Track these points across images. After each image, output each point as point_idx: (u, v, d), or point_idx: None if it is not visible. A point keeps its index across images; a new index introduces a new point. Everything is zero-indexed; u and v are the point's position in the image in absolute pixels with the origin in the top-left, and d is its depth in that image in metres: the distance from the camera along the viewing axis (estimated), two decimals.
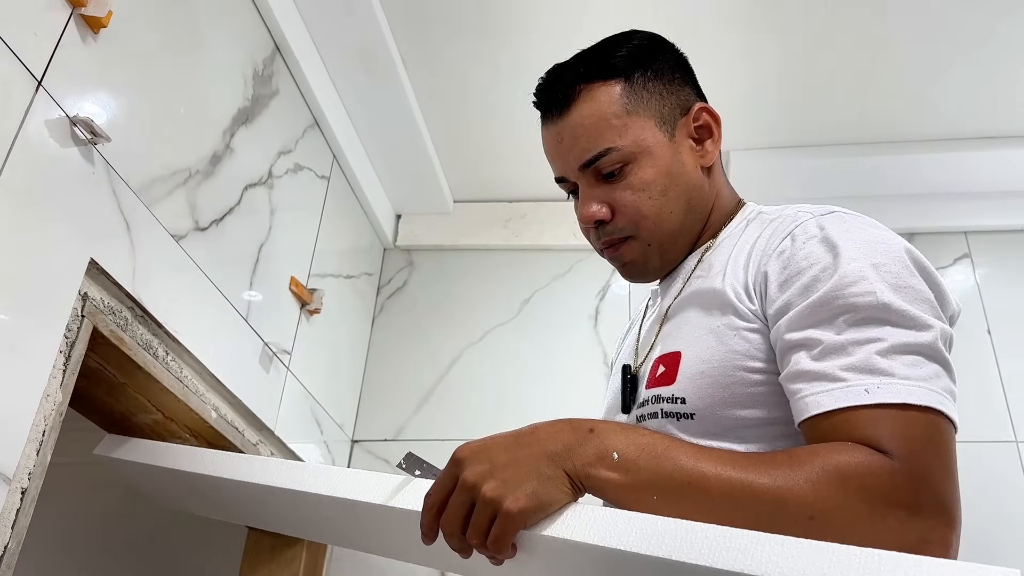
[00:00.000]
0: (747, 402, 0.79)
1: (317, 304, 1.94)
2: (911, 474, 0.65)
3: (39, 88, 1.07)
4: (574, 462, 0.68)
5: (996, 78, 2.08)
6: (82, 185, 1.15)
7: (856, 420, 0.67)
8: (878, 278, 0.73)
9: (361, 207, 2.36)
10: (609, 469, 0.68)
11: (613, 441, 0.69)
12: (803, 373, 0.72)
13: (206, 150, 1.48)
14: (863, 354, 0.69)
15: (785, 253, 0.80)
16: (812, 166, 2.38)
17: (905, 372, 0.69)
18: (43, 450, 1.07)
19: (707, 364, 0.82)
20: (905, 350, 0.70)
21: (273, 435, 1.74)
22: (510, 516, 0.66)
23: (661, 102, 0.94)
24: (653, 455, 0.68)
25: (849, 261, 0.74)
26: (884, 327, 0.71)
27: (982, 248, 2.39)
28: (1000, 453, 2.09)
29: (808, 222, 0.81)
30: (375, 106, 2.15)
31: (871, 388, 0.67)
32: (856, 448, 0.65)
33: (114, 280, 1.21)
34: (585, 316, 2.41)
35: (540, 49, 2.03)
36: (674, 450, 0.69)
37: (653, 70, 0.95)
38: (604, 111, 0.92)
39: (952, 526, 0.66)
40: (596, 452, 0.68)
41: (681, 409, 0.83)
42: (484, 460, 0.69)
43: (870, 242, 0.77)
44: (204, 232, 1.47)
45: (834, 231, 0.78)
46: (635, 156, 0.91)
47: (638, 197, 0.91)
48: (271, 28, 1.74)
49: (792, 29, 1.97)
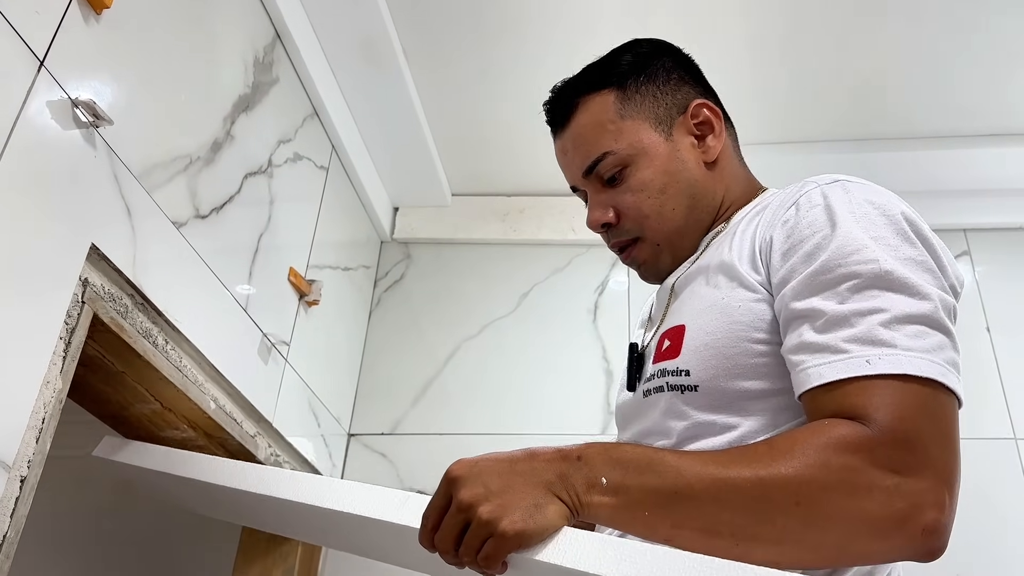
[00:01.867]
0: (751, 373, 0.79)
1: (316, 295, 1.92)
2: (898, 439, 0.64)
3: (41, 68, 1.04)
4: (567, 490, 0.69)
5: (998, 76, 2.08)
6: (83, 168, 1.12)
7: (854, 390, 0.67)
8: (879, 248, 0.73)
9: (359, 199, 2.34)
10: (601, 494, 0.69)
11: (600, 467, 0.70)
12: (806, 345, 0.72)
13: (207, 136, 1.46)
14: (865, 325, 0.69)
15: (789, 222, 0.80)
16: (812, 162, 2.37)
17: (908, 343, 0.68)
18: (43, 438, 1.04)
19: (711, 336, 0.82)
20: (908, 320, 0.70)
21: (271, 427, 1.72)
22: (504, 538, 0.66)
23: (655, 103, 0.97)
24: (637, 472, 0.69)
25: (849, 230, 0.75)
26: (886, 295, 0.71)
27: (981, 246, 2.39)
28: (999, 450, 2.09)
29: (812, 191, 0.82)
30: (375, 97, 2.13)
31: (872, 359, 0.67)
32: (836, 423, 0.65)
33: (115, 266, 1.19)
34: (584, 310, 2.40)
35: (540, 45, 2.02)
36: (657, 463, 0.69)
37: (647, 74, 0.99)
38: (600, 119, 0.97)
39: (949, 486, 0.64)
40: (586, 480, 0.69)
41: (685, 381, 0.83)
42: (479, 483, 0.69)
43: (869, 213, 0.77)
44: (204, 220, 1.45)
45: (835, 199, 0.79)
46: (632, 158, 0.95)
47: (638, 198, 0.95)
48: (271, 14, 1.72)
49: (796, 28, 1.96)
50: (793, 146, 2.36)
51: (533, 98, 2.20)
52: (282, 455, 1.82)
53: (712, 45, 2.01)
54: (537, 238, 2.49)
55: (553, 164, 1.07)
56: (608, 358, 2.32)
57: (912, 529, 0.62)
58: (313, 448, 1.97)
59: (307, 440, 1.94)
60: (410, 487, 2.16)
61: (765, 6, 1.91)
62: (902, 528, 0.62)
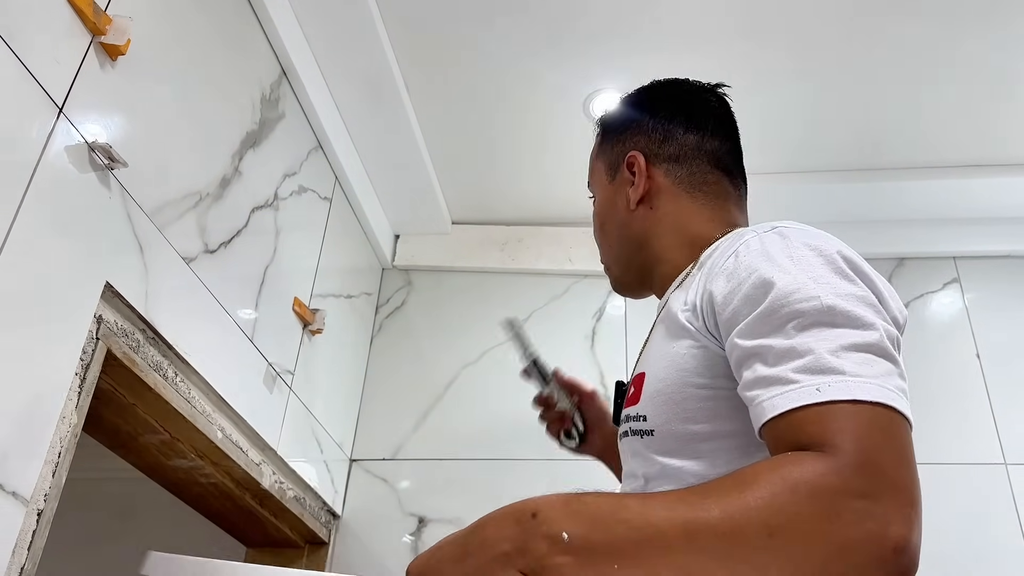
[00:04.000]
0: (699, 417, 0.82)
1: (319, 324, 1.96)
2: (860, 464, 0.64)
3: (60, 115, 1.09)
4: (526, 559, 0.64)
5: (986, 108, 2.13)
6: (99, 210, 1.17)
7: (808, 418, 0.67)
8: (819, 287, 0.75)
9: (361, 227, 2.39)
10: (563, 554, 0.64)
11: (559, 521, 0.65)
12: (758, 380, 0.73)
13: (216, 173, 1.51)
14: (813, 356, 0.70)
15: (728, 269, 0.83)
16: (802, 191, 2.42)
17: (856, 369, 0.69)
18: (59, 471, 1.08)
19: (662, 383, 0.86)
20: (854, 348, 0.71)
21: (275, 455, 1.75)
22: None
23: (611, 151, 1.13)
24: (603, 524, 0.65)
25: (788, 272, 0.77)
26: (831, 329, 0.72)
27: (971, 273, 2.44)
28: (989, 475, 2.13)
29: (751, 239, 0.85)
30: (377, 129, 2.18)
31: (822, 387, 0.68)
32: (798, 456, 0.66)
33: (127, 303, 1.22)
34: (582, 336, 2.44)
35: (540, 76, 2.07)
36: (622, 510, 0.66)
37: (622, 124, 1.14)
38: (592, 154, 1.19)
39: (913, 505, 0.64)
40: (546, 540, 0.64)
41: (643, 426, 0.87)
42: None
43: (806, 255, 0.79)
44: (213, 254, 1.49)
45: (773, 246, 0.81)
46: (594, 195, 1.16)
47: (592, 229, 1.17)
48: (278, 53, 1.77)
49: (797, 62, 2.01)
50: (790, 176, 2.41)
51: (533, 130, 2.26)
52: (286, 482, 1.85)
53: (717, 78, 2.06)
54: (534, 268, 2.53)
55: (552, 194, 1.21)
56: (606, 384, 2.35)
57: (884, 549, 0.62)
58: (316, 474, 2.01)
59: (310, 466, 1.97)
60: (410, 512, 2.19)
61: (767, 40, 1.96)
62: (875, 548, 0.62)
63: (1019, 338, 2.32)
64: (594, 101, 2.12)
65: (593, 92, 2.11)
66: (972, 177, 2.33)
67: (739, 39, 1.96)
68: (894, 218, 2.45)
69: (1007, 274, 2.43)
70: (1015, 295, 2.40)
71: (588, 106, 2.14)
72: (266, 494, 1.76)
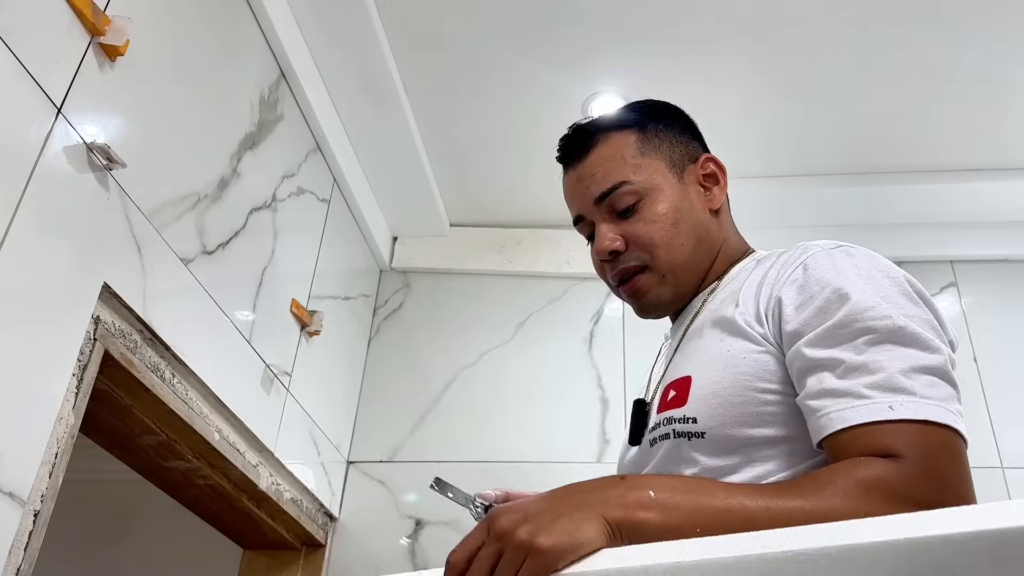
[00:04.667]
0: (756, 421, 0.82)
1: (317, 326, 1.96)
2: (926, 475, 0.68)
3: (59, 115, 1.09)
4: (609, 506, 0.66)
5: (984, 112, 2.13)
6: (97, 210, 1.16)
7: (879, 433, 0.71)
8: (890, 307, 0.78)
9: (359, 229, 2.39)
10: (646, 509, 0.66)
11: (646, 482, 0.69)
12: (828, 391, 0.75)
13: (214, 175, 1.51)
14: (885, 374, 0.73)
15: (798, 281, 0.84)
16: (801, 195, 2.43)
17: (925, 392, 0.72)
18: (55, 472, 1.08)
19: (717, 385, 0.85)
20: (923, 371, 0.74)
21: (272, 456, 1.75)
22: (541, 552, 0.62)
23: (671, 148, 1.03)
24: (687, 491, 0.68)
25: (861, 290, 0.80)
26: (901, 348, 0.75)
27: (968, 277, 2.44)
28: (986, 479, 2.12)
29: (819, 254, 0.86)
30: (376, 131, 2.18)
31: (895, 405, 0.71)
32: (871, 460, 0.69)
33: (125, 303, 1.22)
34: (580, 339, 2.44)
35: (539, 80, 2.08)
36: (706, 484, 0.70)
37: (664, 123, 1.05)
38: (621, 152, 1.01)
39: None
40: (631, 494, 0.67)
41: (692, 428, 0.85)
42: (518, 512, 0.66)
43: (875, 275, 0.82)
44: (211, 255, 1.49)
45: (842, 262, 0.84)
46: (648, 192, 0.99)
47: (651, 228, 0.98)
48: (277, 55, 1.77)
49: (801, 69, 2.02)
50: (789, 179, 2.41)
51: (531, 133, 2.26)
52: (283, 484, 1.85)
53: (718, 83, 2.06)
54: (532, 270, 2.54)
55: (550, 196, 1.10)
56: (603, 386, 2.35)
57: None
58: (313, 476, 2.00)
59: (307, 468, 1.97)
60: (407, 514, 2.19)
61: (767, 45, 1.97)
62: None
63: (1015, 342, 2.33)
64: (593, 104, 2.13)
65: (592, 95, 2.12)
66: (970, 181, 2.34)
67: (739, 45, 1.97)
68: (892, 221, 2.45)
69: (1004, 278, 2.43)
70: (1012, 299, 2.41)
71: (587, 109, 2.14)
72: (263, 496, 1.75)
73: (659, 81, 2.05)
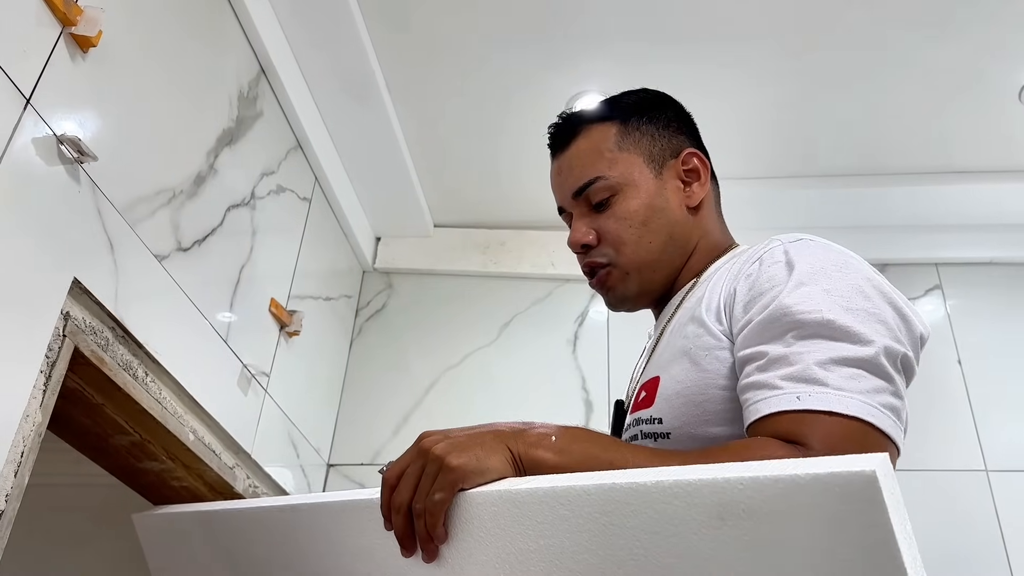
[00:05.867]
0: (718, 420, 0.82)
1: (296, 326, 1.93)
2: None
3: (27, 106, 1.06)
4: (517, 441, 0.73)
5: (969, 116, 2.13)
6: (67, 204, 1.14)
7: (786, 421, 0.70)
8: (827, 300, 0.76)
9: (341, 229, 2.36)
10: (546, 450, 0.72)
11: (553, 429, 0.75)
12: (750, 384, 0.76)
13: (191, 170, 1.48)
14: (801, 365, 0.72)
15: (752, 276, 0.84)
16: (785, 197, 2.42)
17: (840, 383, 0.71)
18: (21, 472, 1.05)
19: (681, 384, 0.85)
20: (845, 363, 0.72)
21: (249, 458, 1.72)
22: (451, 469, 0.70)
23: (652, 143, 1.02)
24: (585, 441, 0.74)
25: (800, 284, 0.78)
26: (828, 341, 0.74)
27: (952, 280, 2.44)
28: (971, 482, 2.12)
29: (775, 248, 0.86)
30: (358, 129, 2.16)
31: (802, 395, 0.71)
32: (771, 441, 0.69)
33: (96, 300, 1.19)
34: (564, 340, 2.42)
35: (524, 78, 2.06)
36: (605, 440, 0.75)
37: (649, 116, 1.04)
38: (599, 146, 1.02)
39: None
40: (537, 435, 0.73)
41: (658, 429, 0.86)
42: (441, 434, 0.74)
43: (826, 268, 0.80)
44: (187, 252, 1.46)
45: (796, 256, 0.82)
46: (622, 187, 0.99)
47: (620, 225, 0.99)
48: (257, 50, 1.75)
49: (784, 70, 2.01)
50: (774, 181, 2.41)
51: (516, 133, 2.24)
52: (260, 486, 1.82)
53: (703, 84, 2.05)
54: (516, 271, 2.52)
55: (535, 197, 1.10)
56: (587, 388, 2.34)
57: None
58: (292, 479, 1.97)
59: (286, 470, 1.94)
60: None
61: (752, 45, 1.96)
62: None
63: (1000, 344, 2.33)
64: (577, 103, 2.11)
65: (577, 94, 2.10)
66: (955, 184, 2.34)
67: (724, 45, 1.96)
68: (877, 224, 2.45)
69: (989, 280, 2.43)
70: (997, 301, 2.41)
71: (571, 108, 2.12)
72: (240, 499, 1.72)
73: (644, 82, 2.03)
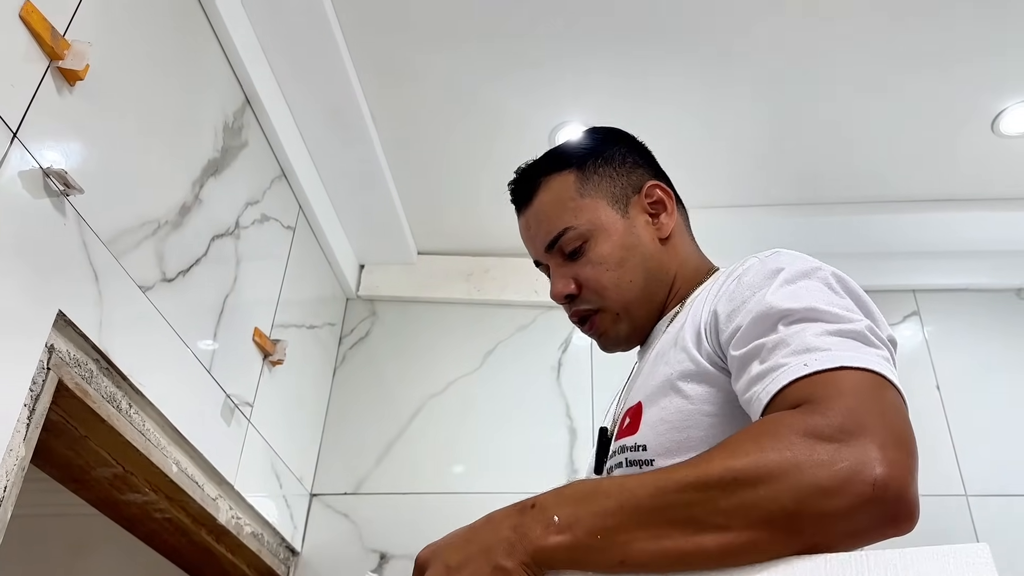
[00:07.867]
0: (703, 446, 0.80)
1: (280, 355, 1.93)
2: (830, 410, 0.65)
3: (14, 139, 1.06)
4: (524, 545, 0.67)
5: (946, 145, 2.18)
6: (53, 236, 1.14)
7: (795, 390, 0.69)
8: (809, 295, 0.78)
9: (325, 257, 2.36)
10: (555, 534, 0.66)
11: (552, 508, 0.68)
12: (754, 378, 0.74)
13: (176, 200, 1.48)
14: (799, 341, 0.72)
15: (731, 291, 0.85)
16: (763, 224, 2.45)
17: (841, 346, 0.71)
18: (3, 506, 1.04)
19: (665, 410, 0.85)
20: (840, 334, 0.73)
21: (233, 489, 1.71)
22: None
23: (612, 183, 1.04)
24: (586, 501, 0.67)
25: (783, 284, 0.80)
26: (818, 323, 0.74)
27: (930, 306, 2.48)
28: (950, 507, 2.14)
29: (753, 264, 0.88)
30: (342, 158, 2.17)
31: (809, 361, 0.70)
32: (784, 413, 0.67)
33: (81, 332, 1.19)
34: (548, 368, 2.43)
35: (507, 107, 2.08)
36: (603, 485, 0.69)
37: (604, 157, 1.05)
38: (561, 196, 1.03)
39: (894, 447, 0.63)
40: (542, 525, 0.67)
41: (643, 456, 0.86)
42: (439, 563, 0.69)
43: (804, 270, 0.82)
44: (171, 283, 1.46)
45: (773, 264, 0.85)
46: (592, 233, 1.01)
47: (597, 270, 1.00)
48: (242, 80, 1.76)
49: (754, 98, 2.04)
50: (752, 210, 2.44)
51: (498, 161, 2.26)
52: (243, 517, 1.81)
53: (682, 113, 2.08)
54: (500, 299, 2.53)
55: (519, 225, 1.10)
56: (572, 415, 2.34)
57: (860, 486, 0.60)
58: (275, 509, 1.96)
59: (269, 501, 1.93)
60: (372, 548, 2.14)
61: (730, 76, 1.99)
62: (850, 485, 0.61)
63: (977, 370, 2.36)
64: (559, 133, 2.14)
65: (559, 124, 2.13)
66: (933, 211, 2.38)
67: (704, 76, 1.99)
68: (855, 251, 2.48)
69: (966, 307, 2.47)
70: (974, 327, 2.44)
71: (554, 137, 2.15)
72: (223, 530, 1.71)
73: (624, 111, 2.06)
